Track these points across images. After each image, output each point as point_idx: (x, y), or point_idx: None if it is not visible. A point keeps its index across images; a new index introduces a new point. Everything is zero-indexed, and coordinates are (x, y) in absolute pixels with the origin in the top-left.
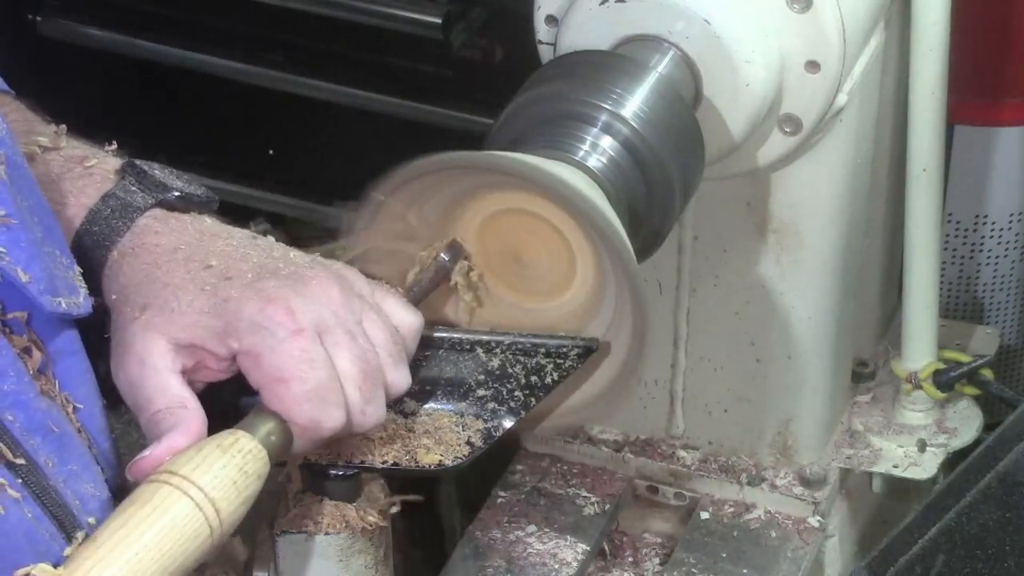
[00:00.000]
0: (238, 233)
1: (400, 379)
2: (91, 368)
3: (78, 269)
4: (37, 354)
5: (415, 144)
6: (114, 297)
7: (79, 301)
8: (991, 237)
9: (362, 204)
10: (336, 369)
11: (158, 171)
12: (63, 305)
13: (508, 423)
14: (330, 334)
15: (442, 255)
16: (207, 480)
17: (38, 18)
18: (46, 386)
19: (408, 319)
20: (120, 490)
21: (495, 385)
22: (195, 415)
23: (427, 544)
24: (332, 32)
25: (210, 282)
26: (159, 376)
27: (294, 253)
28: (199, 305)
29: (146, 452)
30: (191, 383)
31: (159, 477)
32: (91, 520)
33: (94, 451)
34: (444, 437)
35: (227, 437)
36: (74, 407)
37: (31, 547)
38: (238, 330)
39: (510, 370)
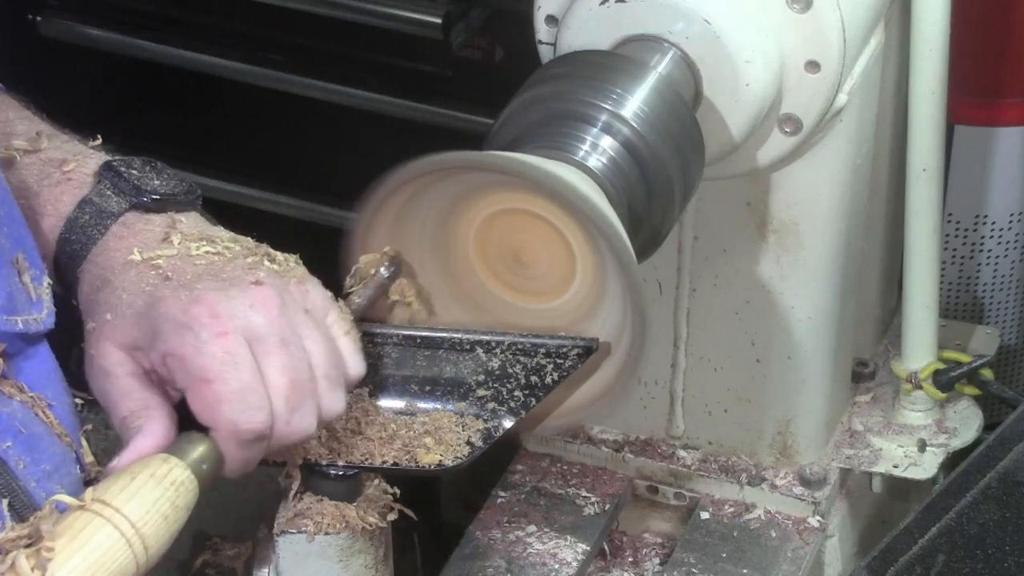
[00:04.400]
0: (205, 233)
1: (333, 403)
2: (58, 369)
3: (48, 281)
4: None
5: (415, 144)
6: (82, 306)
7: (41, 317)
8: (991, 237)
9: (362, 204)
10: (263, 378)
11: (136, 170)
12: (19, 324)
13: (508, 423)
14: (260, 342)
15: (381, 270)
16: (139, 514)
17: (38, 18)
18: (10, 389)
19: (354, 363)
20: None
21: (495, 385)
22: (159, 415)
23: (427, 544)
24: (332, 32)
25: (151, 283)
26: (120, 381)
27: (250, 259)
28: (136, 306)
29: (115, 461)
30: (163, 385)
31: (91, 506)
32: None
33: (73, 448)
34: (444, 437)
35: (161, 465)
36: (48, 403)
37: None
38: (164, 331)
39: (510, 370)
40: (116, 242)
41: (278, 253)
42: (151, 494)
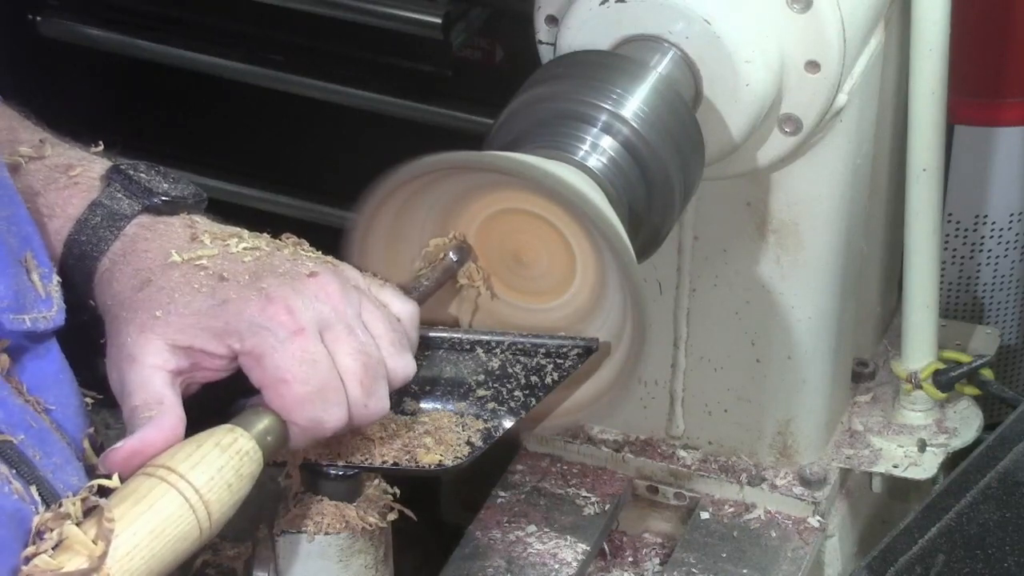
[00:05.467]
0: (228, 232)
1: (404, 366)
2: (66, 369)
3: (57, 279)
4: (4, 357)
5: (415, 144)
6: (109, 303)
7: (50, 315)
8: (991, 237)
9: (362, 204)
10: (337, 366)
11: (144, 174)
12: (27, 322)
13: (508, 423)
14: (330, 330)
15: (450, 255)
16: (203, 480)
17: (38, 18)
18: (16, 387)
19: (406, 308)
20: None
21: (495, 385)
22: (171, 412)
23: (427, 544)
24: (332, 32)
25: (207, 284)
26: (144, 372)
27: (287, 251)
28: (196, 306)
29: (119, 444)
30: (187, 384)
31: (155, 472)
32: None
33: (73, 449)
34: (444, 437)
35: (226, 435)
36: (45, 408)
37: (20, 527)
38: (239, 331)
39: (510, 370)
40: (144, 243)
41: (303, 241)
42: (216, 461)
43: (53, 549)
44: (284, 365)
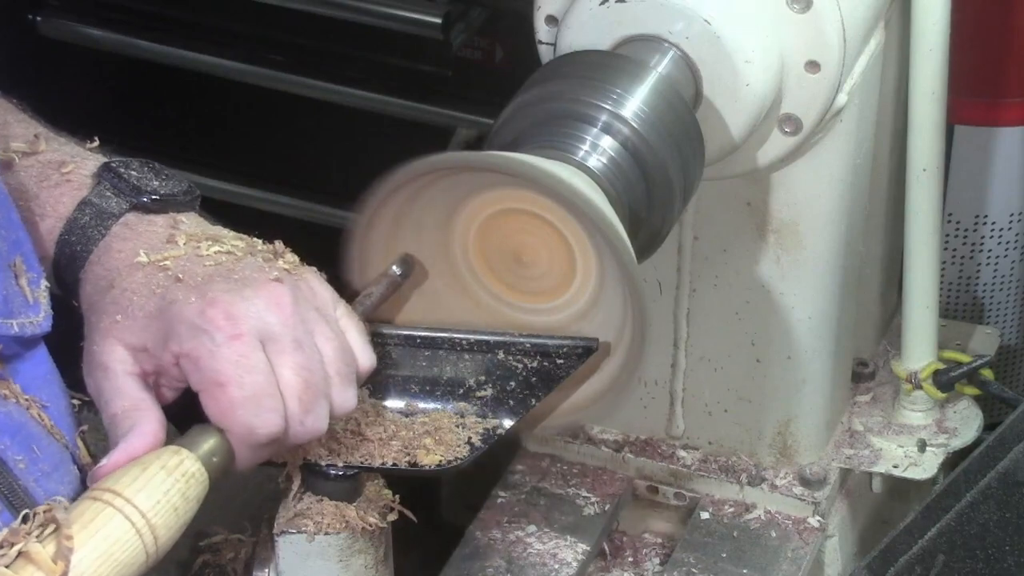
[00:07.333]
0: (208, 233)
1: (346, 400)
2: (54, 371)
3: (46, 284)
4: None
5: (415, 144)
6: (84, 307)
7: (38, 319)
8: (991, 237)
9: (362, 204)
10: (277, 379)
11: (135, 171)
12: (15, 328)
13: (508, 423)
14: (274, 342)
15: (393, 268)
16: (149, 505)
17: (38, 18)
18: (5, 392)
19: (364, 356)
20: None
21: (495, 385)
22: (150, 416)
23: (427, 544)
24: (332, 32)
25: (163, 285)
26: (117, 379)
27: (259, 257)
28: (148, 308)
29: (105, 460)
30: (162, 388)
31: (101, 495)
32: None
33: (69, 449)
34: (444, 437)
35: (172, 457)
36: (42, 405)
37: None
38: (178, 333)
39: (510, 370)
40: (120, 243)
41: (284, 249)
42: (162, 485)
43: (6, 567)
44: (219, 368)
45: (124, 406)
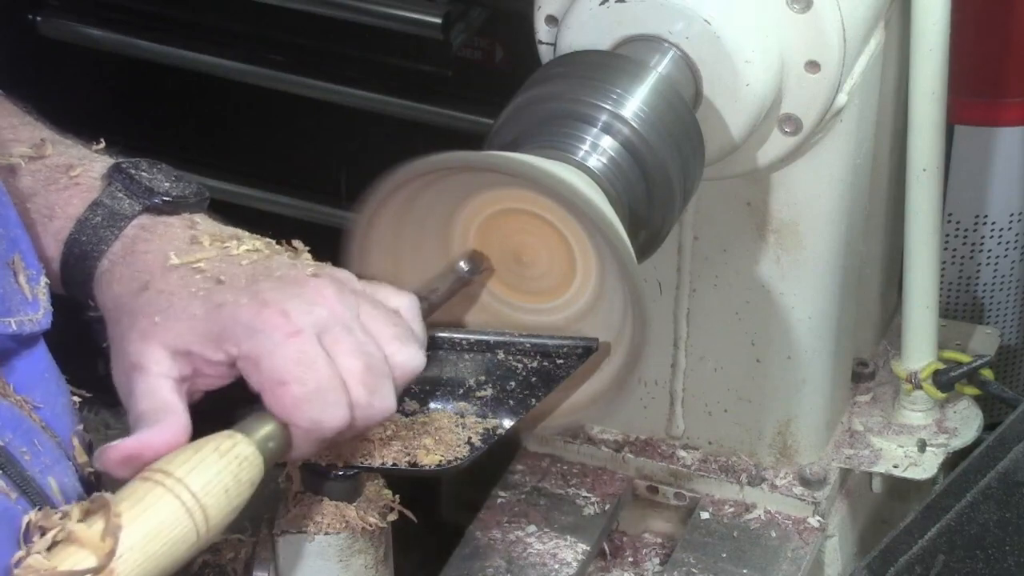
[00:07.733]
0: (228, 233)
1: (411, 358)
2: (52, 368)
3: (45, 281)
4: None
5: (415, 144)
6: (110, 306)
7: (37, 317)
8: (991, 237)
9: (362, 204)
10: (337, 367)
11: (145, 173)
12: (12, 325)
13: (508, 423)
14: (328, 333)
15: (461, 264)
16: (200, 485)
17: (38, 18)
18: (2, 389)
19: (403, 300)
20: (89, 486)
21: (495, 385)
22: (177, 419)
23: (427, 544)
24: (332, 32)
25: (203, 287)
26: (150, 380)
27: (287, 254)
28: (193, 311)
29: (116, 442)
30: (190, 391)
31: (152, 476)
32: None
33: (63, 448)
34: (444, 437)
35: (225, 440)
36: (33, 406)
37: (8, 527)
38: (235, 335)
39: (510, 370)
40: (143, 244)
41: (301, 245)
42: (213, 466)
43: (47, 550)
44: (281, 367)
45: (153, 406)
